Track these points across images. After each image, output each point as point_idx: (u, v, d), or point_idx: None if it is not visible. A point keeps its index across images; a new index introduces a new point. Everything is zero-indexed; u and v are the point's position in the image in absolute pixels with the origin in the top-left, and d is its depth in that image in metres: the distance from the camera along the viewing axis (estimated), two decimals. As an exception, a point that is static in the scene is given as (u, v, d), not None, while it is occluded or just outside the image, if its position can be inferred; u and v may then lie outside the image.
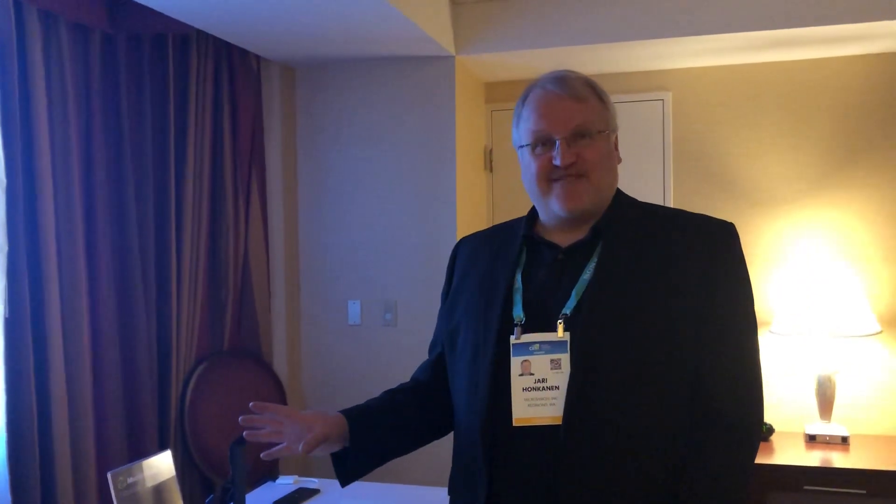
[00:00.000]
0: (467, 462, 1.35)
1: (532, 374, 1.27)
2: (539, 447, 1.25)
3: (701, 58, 3.40)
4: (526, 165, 1.40)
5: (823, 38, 3.10)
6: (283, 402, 3.27)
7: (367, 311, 3.43)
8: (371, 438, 1.41)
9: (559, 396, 1.25)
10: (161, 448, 2.45)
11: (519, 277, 1.36)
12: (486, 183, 3.77)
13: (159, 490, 1.82)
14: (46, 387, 2.46)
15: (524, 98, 1.41)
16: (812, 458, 2.99)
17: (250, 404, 1.38)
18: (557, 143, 1.33)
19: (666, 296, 1.28)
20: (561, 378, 1.26)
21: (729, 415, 1.28)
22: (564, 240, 1.37)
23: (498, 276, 1.39)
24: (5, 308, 2.35)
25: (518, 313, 1.32)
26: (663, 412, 1.26)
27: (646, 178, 3.57)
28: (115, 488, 1.68)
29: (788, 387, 3.38)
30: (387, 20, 2.81)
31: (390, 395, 1.51)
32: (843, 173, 3.37)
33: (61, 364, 2.50)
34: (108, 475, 1.69)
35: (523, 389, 1.27)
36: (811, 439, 3.15)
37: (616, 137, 1.43)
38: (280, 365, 3.40)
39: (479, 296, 1.40)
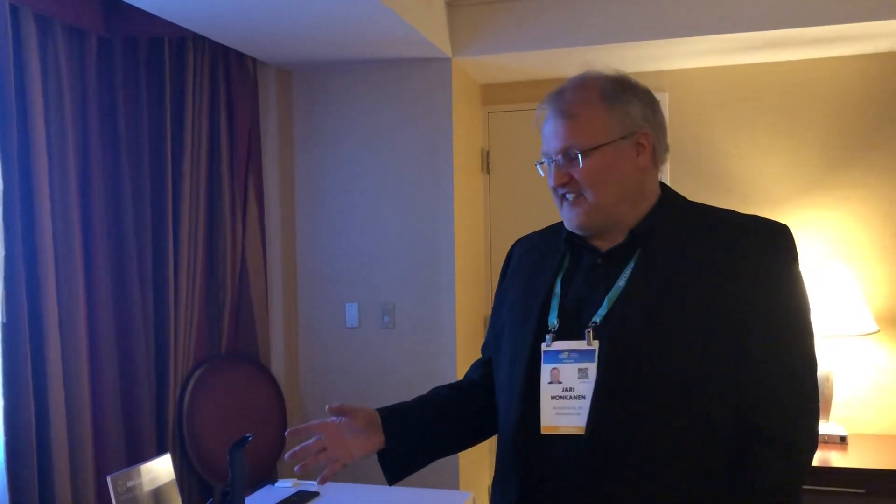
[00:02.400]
0: (503, 466, 1.35)
1: (560, 383, 1.26)
2: (566, 456, 1.23)
3: (697, 58, 3.41)
4: None
5: (819, 39, 3.11)
6: (282, 405, 3.26)
7: (364, 314, 3.42)
8: (408, 438, 1.41)
9: (584, 406, 1.23)
10: (159, 452, 2.44)
11: (559, 283, 1.34)
12: (483, 185, 3.77)
13: (158, 494, 1.82)
14: (44, 391, 2.46)
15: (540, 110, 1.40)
16: (810, 458, 2.99)
17: (286, 432, 1.39)
18: (551, 165, 1.32)
19: (706, 305, 1.22)
20: (587, 387, 1.23)
21: (779, 432, 1.21)
22: (605, 244, 1.33)
23: (540, 280, 1.37)
24: (2, 313, 2.34)
25: (552, 320, 1.30)
26: (696, 427, 1.21)
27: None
28: (114, 492, 1.67)
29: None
30: (383, 23, 2.81)
31: (434, 393, 1.51)
32: (839, 173, 3.38)
33: (59, 368, 2.49)
34: (108, 479, 1.69)
35: (552, 397, 1.26)
36: (809, 439, 3.15)
37: (645, 136, 1.32)
38: (278, 368, 3.40)
39: (522, 299, 1.38)
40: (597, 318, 1.26)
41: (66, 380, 2.53)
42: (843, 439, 3.11)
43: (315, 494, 2.35)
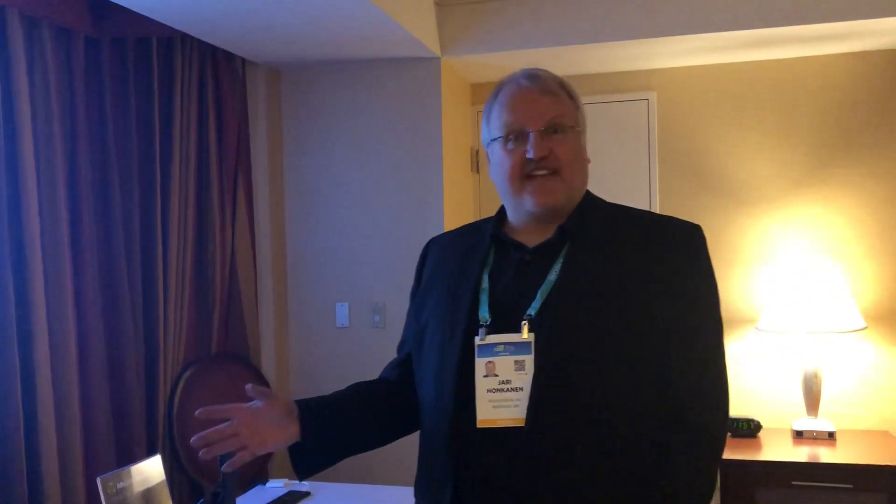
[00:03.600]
0: (433, 463, 1.34)
1: (496, 376, 1.27)
2: (503, 449, 1.24)
3: (685, 57, 3.42)
4: (498, 161, 1.38)
5: (806, 37, 3.13)
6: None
7: (355, 314, 3.42)
8: (326, 432, 1.38)
9: (523, 398, 1.24)
10: (150, 453, 2.44)
11: (486, 278, 1.36)
12: (473, 184, 3.77)
13: (149, 495, 1.82)
14: (33, 393, 2.44)
15: (496, 93, 1.41)
16: (799, 454, 3.01)
17: (196, 412, 1.33)
18: (532, 135, 1.33)
19: (632, 297, 1.27)
20: (525, 379, 1.25)
21: (696, 418, 1.28)
22: (532, 240, 1.36)
23: (465, 277, 1.38)
24: (-10, 314, 2.33)
25: (484, 314, 1.31)
26: (629, 414, 1.26)
27: (631, 177, 3.59)
28: (104, 494, 1.67)
29: (775, 383, 3.40)
30: (372, 22, 2.81)
31: (353, 389, 1.49)
32: (827, 171, 3.40)
33: (48, 370, 2.48)
34: (98, 480, 1.68)
35: (488, 391, 1.26)
36: (798, 435, 3.17)
37: (585, 138, 1.41)
38: (268, 368, 3.39)
39: (447, 296, 1.39)
40: (531, 311, 1.28)
41: (54, 382, 2.52)
42: (831, 435, 3.13)
43: (306, 494, 2.36)
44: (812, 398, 3.19)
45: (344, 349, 3.42)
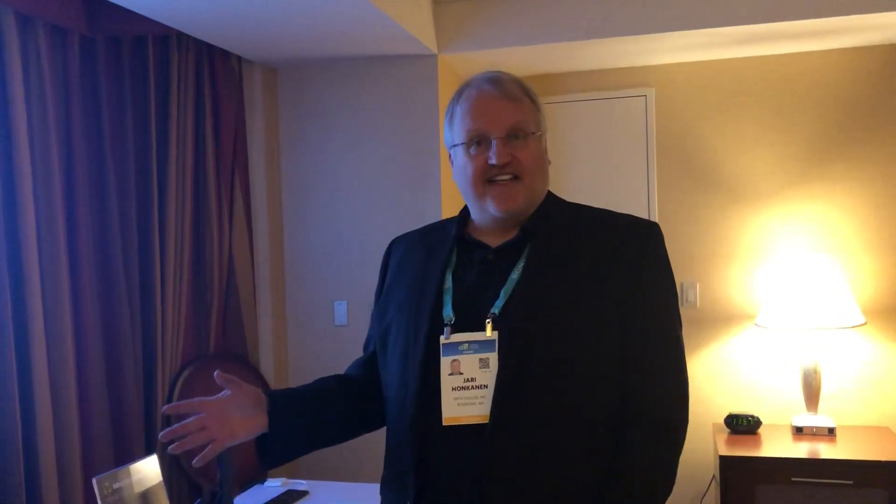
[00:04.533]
0: (397, 460, 1.35)
1: (461, 374, 1.28)
2: (468, 446, 1.25)
3: (683, 53, 3.41)
4: (461, 166, 1.39)
5: (804, 33, 3.12)
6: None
7: (353, 312, 3.41)
8: (293, 424, 1.40)
9: (487, 395, 1.26)
10: (148, 453, 2.42)
11: (449, 277, 1.37)
12: (470, 181, 3.76)
13: (146, 495, 1.81)
14: (30, 393, 2.44)
15: (457, 97, 1.41)
16: (799, 450, 3.01)
17: (163, 409, 1.34)
18: (493, 142, 1.34)
19: (592, 294, 1.30)
20: (489, 377, 1.26)
21: (653, 412, 1.30)
22: (495, 240, 1.39)
23: (429, 276, 1.39)
24: (-13, 314, 2.32)
25: (448, 313, 1.33)
26: (591, 410, 1.28)
27: (630, 174, 3.58)
28: (100, 494, 1.66)
29: (775, 379, 3.40)
30: (368, 19, 2.80)
31: (320, 383, 1.50)
32: (825, 166, 3.39)
33: (45, 371, 2.47)
34: (94, 481, 1.67)
35: (453, 389, 1.28)
36: (798, 431, 3.17)
37: (546, 139, 1.42)
38: (267, 366, 3.39)
39: (411, 296, 1.40)
40: (495, 310, 1.30)
41: (52, 382, 2.51)
42: (831, 431, 3.13)
43: (304, 493, 2.35)
44: (812, 394, 3.18)
45: (342, 347, 3.41)
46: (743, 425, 3.22)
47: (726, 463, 2.97)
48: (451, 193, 3.46)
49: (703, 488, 3.38)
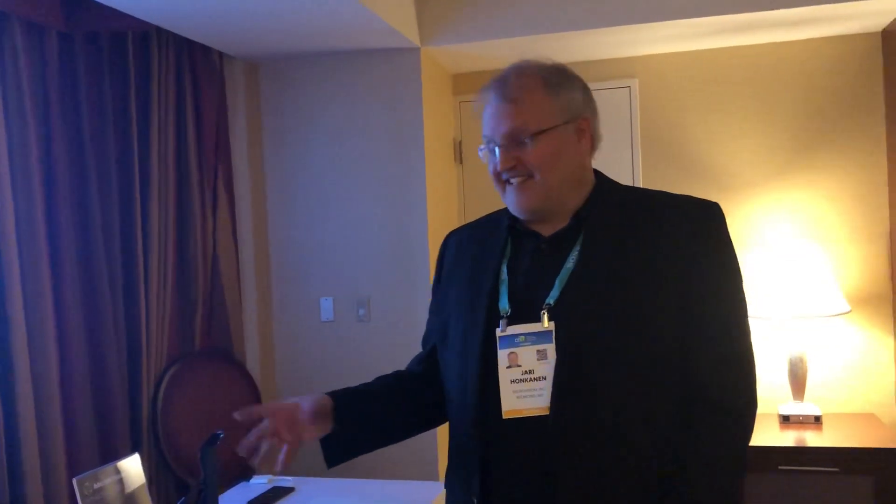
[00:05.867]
0: (461, 455, 1.36)
1: (519, 366, 1.28)
2: (530, 438, 1.26)
3: (667, 44, 3.41)
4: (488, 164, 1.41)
5: (787, 21, 3.11)
6: (257, 400, 3.24)
7: (340, 308, 3.40)
8: (358, 423, 1.42)
9: (546, 387, 1.25)
10: (134, 451, 2.41)
11: (504, 269, 1.36)
12: (456, 175, 3.75)
13: (129, 494, 1.80)
14: (12, 393, 2.41)
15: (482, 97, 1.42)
16: (786, 439, 3.02)
17: (235, 414, 1.36)
18: (497, 149, 1.34)
19: (649, 280, 1.28)
20: (547, 368, 1.26)
21: (718, 398, 1.28)
22: (547, 229, 1.37)
23: (485, 268, 1.39)
24: (-34, 315, 2.30)
25: (504, 305, 1.32)
26: (652, 398, 1.26)
27: (615, 165, 3.57)
28: (81, 495, 1.65)
29: (761, 368, 3.36)
30: (349, 13, 2.78)
31: (381, 381, 1.52)
32: (810, 155, 3.40)
33: (27, 370, 2.45)
34: (74, 481, 1.66)
35: (511, 381, 1.27)
36: (785, 420, 3.18)
37: (585, 122, 1.37)
38: (253, 363, 3.37)
39: (467, 288, 1.40)
40: (550, 301, 1.29)
41: (34, 381, 2.49)
42: (817, 419, 3.14)
43: (290, 490, 2.34)
44: (798, 382, 3.19)
45: (329, 344, 3.40)
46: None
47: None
48: (436, 187, 3.45)
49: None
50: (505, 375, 1.28)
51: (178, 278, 3.15)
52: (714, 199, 3.64)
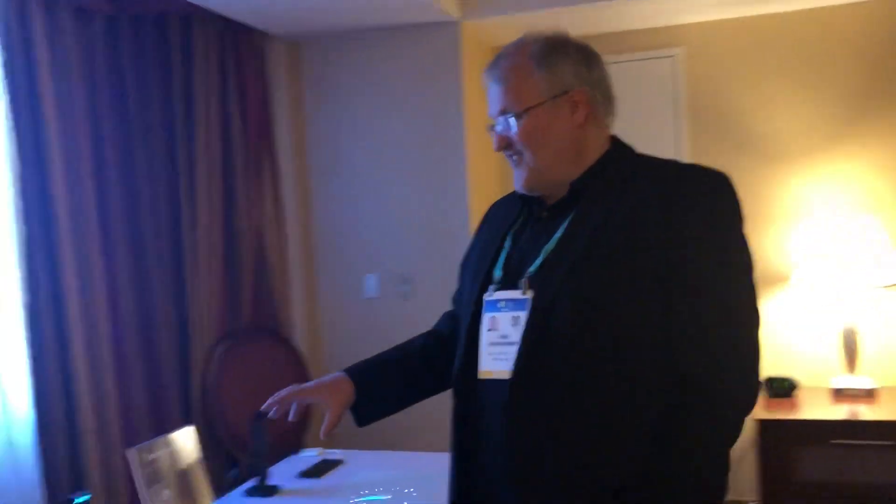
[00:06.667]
0: (453, 411, 1.42)
1: (497, 330, 1.33)
2: (495, 399, 1.29)
3: (713, 11, 3.33)
4: None
5: (837, -16, 3.02)
6: (305, 375, 3.28)
7: (383, 285, 3.43)
8: (377, 394, 1.51)
9: (515, 351, 1.29)
10: (185, 425, 2.47)
11: (509, 237, 1.41)
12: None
13: (181, 466, 1.84)
14: (69, 370, 2.50)
15: None
16: (838, 412, 2.96)
17: (271, 414, 1.50)
18: (493, 129, 1.39)
19: (634, 254, 1.23)
20: (519, 334, 1.29)
21: (702, 379, 1.22)
22: (551, 199, 1.39)
23: (496, 235, 1.44)
24: (24, 292, 2.37)
25: (497, 272, 1.38)
26: (621, 374, 1.23)
27: (659, 138, 3.51)
28: (135, 465, 1.69)
29: (813, 341, 3.34)
30: (388, -12, 2.77)
31: (400, 349, 1.60)
32: (862, 123, 3.29)
33: (82, 347, 2.53)
34: (128, 452, 1.71)
35: (490, 344, 1.33)
36: (837, 393, 3.12)
37: (581, 94, 1.34)
38: (300, 339, 3.42)
39: (478, 255, 1.47)
40: (532, 269, 1.32)
41: (90, 359, 2.57)
42: (870, 392, 3.07)
43: (339, 462, 2.37)
44: (850, 355, 3.12)
45: (373, 320, 3.43)
46: (780, 388, 3.18)
47: (763, 427, 2.94)
48: (477, 164, 3.44)
49: (742, 452, 3.35)
50: (485, 338, 1.34)
51: (226, 256, 3.20)
52: (764, 170, 3.56)
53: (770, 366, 3.36)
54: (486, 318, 1.34)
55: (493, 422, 1.30)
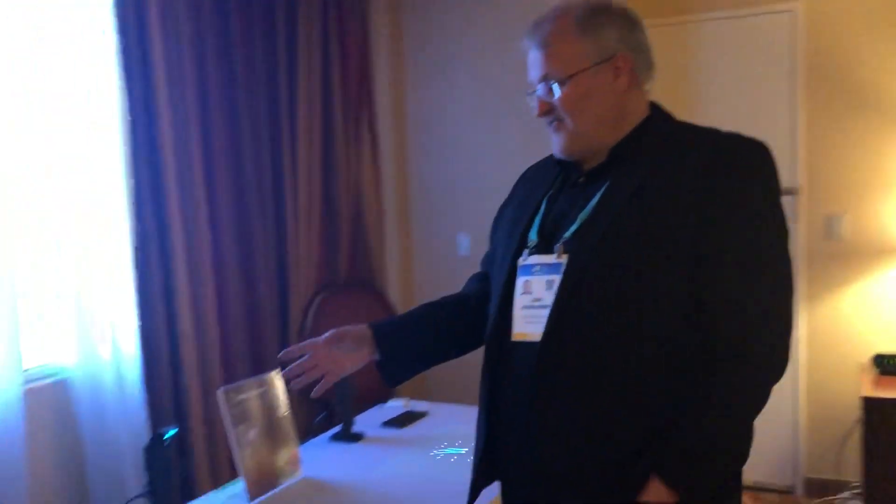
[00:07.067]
0: (484, 370, 1.43)
1: (531, 294, 1.33)
2: (528, 362, 1.30)
3: (836, -39, 3.11)
4: None
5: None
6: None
7: (474, 245, 3.44)
8: (399, 352, 1.53)
9: (547, 314, 1.29)
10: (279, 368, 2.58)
11: (545, 202, 1.41)
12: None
13: (269, 407, 1.92)
14: (175, 316, 2.65)
15: None
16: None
17: (280, 355, 1.55)
18: (533, 94, 1.37)
19: (666, 219, 1.24)
20: (552, 298, 1.29)
21: (730, 346, 1.22)
22: (589, 165, 1.38)
23: (531, 200, 1.44)
24: (133, 238, 2.52)
25: (532, 236, 1.37)
26: (651, 341, 1.24)
27: (771, 99, 3.33)
28: (225, 405, 1.78)
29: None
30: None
31: (426, 308, 1.61)
32: None
33: (187, 294, 2.67)
34: (218, 392, 1.79)
35: (523, 307, 1.33)
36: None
37: (624, 60, 1.32)
38: (394, 294, 3.49)
39: (513, 218, 1.46)
40: (567, 234, 1.32)
41: (194, 303, 2.71)
42: None
43: (423, 414, 2.42)
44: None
45: (465, 278, 3.44)
46: (891, 365, 3.00)
47: (872, 405, 2.80)
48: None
49: (847, 431, 3.20)
50: (519, 301, 1.34)
51: (324, 212, 3.29)
52: (885, 135, 3.34)
53: (882, 342, 3.19)
54: (521, 281, 1.35)
55: (522, 382, 1.31)
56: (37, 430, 2.29)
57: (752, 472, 3.43)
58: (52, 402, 2.38)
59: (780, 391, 1.27)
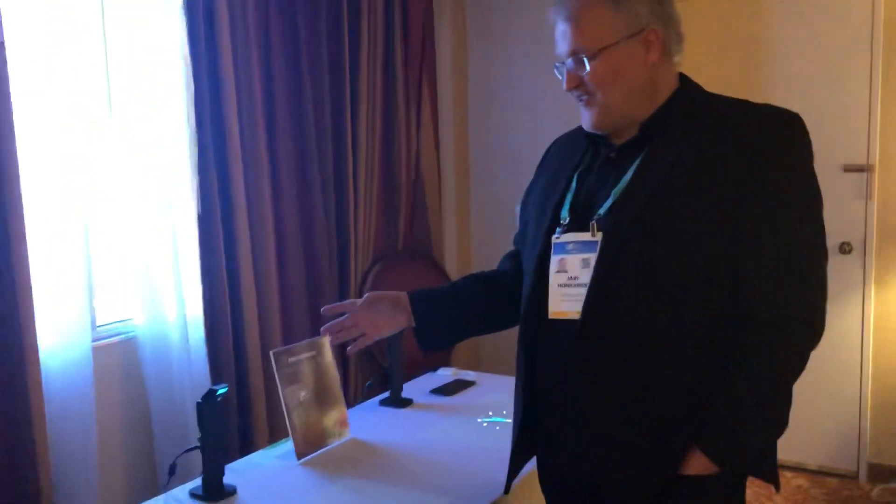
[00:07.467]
0: (520, 348, 1.44)
1: (566, 272, 1.33)
2: (567, 339, 1.30)
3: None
4: None
5: None
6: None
7: (533, 215, 3.43)
8: (435, 321, 1.57)
9: (585, 293, 1.30)
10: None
11: (575, 178, 1.40)
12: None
13: (319, 369, 1.99)
14: (237, 279, 2.75)
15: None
16: None
17: (322, 309, 1.62)
18: (562, 68, 1.36)
19: (702, 193, 1.24)
20: (589, 276, 1.30)
21: (766, 314, 1.23)
22: (620, 140, 1.36)
23: (561, 176, 1.43)
24: (198, 205, 2.62)
25: (564, 214, 1.37)
26: (692, 314, 1.25)
27: (846, 70, 3.20)
28: (277, 366, 1.85)
29: None
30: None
31: (464, 281, 1.65)
32: None
33: (249, 260, 2.77)
34: (271, 354, 1.86)
35: (559, 285, 1.34)
36: None
37: (654, 33, 1.30)
38: (450, 265, 3.53)
39: (543, 195, 1.46)
40: (601, 211, 1.31)
41: (255, 270, 2.81)
42: None
43: (471, 383, 2.46)
44: None
45: (522, 250, 3.46)
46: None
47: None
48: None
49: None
50: (554, 279, 1.34)
51: (384, 182, 3.34)
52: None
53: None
54: (555, 259, 1.35)
55: (561, 360, 1.32)
56: (106, 383, 2.43)
57: (815, 456, 3.37)
58: (120, 357, 2.52)
59: (845, 375, 1.27)
